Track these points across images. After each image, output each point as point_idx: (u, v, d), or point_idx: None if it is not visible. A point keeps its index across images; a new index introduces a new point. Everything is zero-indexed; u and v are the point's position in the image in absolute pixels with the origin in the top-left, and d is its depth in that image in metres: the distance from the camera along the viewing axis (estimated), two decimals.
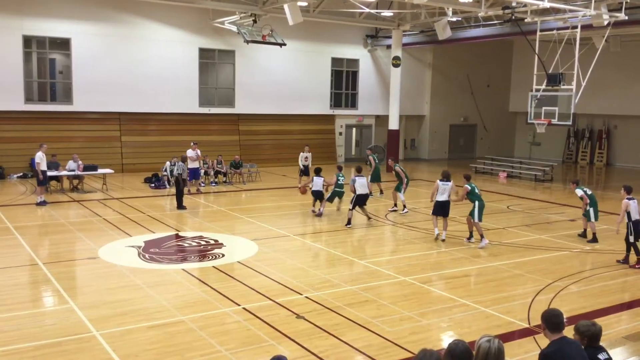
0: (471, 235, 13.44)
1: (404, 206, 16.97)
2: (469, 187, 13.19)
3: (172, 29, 25.08)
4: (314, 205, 16.57)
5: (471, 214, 13.16)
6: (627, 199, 11.60)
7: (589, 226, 13.92)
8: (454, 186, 13.57)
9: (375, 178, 19.53)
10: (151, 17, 24.50)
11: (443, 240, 13.35)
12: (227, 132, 27.11)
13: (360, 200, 15.08)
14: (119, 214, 15.93)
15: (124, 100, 24.22)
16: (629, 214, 11.53)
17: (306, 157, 20.95)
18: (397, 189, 17.04)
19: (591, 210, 13.64)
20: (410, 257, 12.30)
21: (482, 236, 13.01)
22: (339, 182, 16.09)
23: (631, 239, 11.54)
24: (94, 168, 19.83)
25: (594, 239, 13.62)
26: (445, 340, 7.78)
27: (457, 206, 15.04)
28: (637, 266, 11.54)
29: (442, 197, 13.33)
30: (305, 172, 20.83)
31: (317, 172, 16.59)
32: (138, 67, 24.37)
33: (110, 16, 23.68)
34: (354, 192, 14.97)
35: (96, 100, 23.69)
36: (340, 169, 16.85)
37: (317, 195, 16.38)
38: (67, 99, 23.74)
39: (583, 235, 14.12)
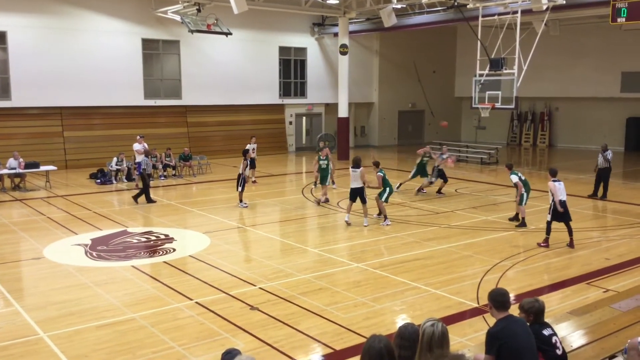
0: (380, 212, 14.16)
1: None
2: (382, 174, 14.08)
3: (113, 19, 24.36)
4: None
5: (380, 195, 14.10)
6: (553, 181, 11.89)
7: (519, 210, 13.87)
8: (364, 172, 13.67)
9: None
10: (90, 7, 23.73)
11: (365, 226, 13.68)
12: (175, 124, 26.61)
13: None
14: (63, 211, 15.48)
15: (65, 95, 23.42)
16: (553, 195, 11.80)
17: (253, 149, 20.47)
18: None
19: (525, 195, 13.59)
20: (362, 243, 12.42)
21: (386, 217, 13.92)
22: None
23: (548, 217, 11.83)
24: (36, 165, 19.21)
25: (523, 224, 13.64)
26: (398, 324, 7.89)
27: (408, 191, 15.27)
28: (542, 244, 11.81)
29: (353, 184, 13.67)
30: (251, 164, 20.40)
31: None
32: (79, 60, 23.59)
33: (47, 7, 22.81)
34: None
35: (36, 95, 22.82)
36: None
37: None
38: (4, 95, 22.78)
39: (514, 219, 14.12)
